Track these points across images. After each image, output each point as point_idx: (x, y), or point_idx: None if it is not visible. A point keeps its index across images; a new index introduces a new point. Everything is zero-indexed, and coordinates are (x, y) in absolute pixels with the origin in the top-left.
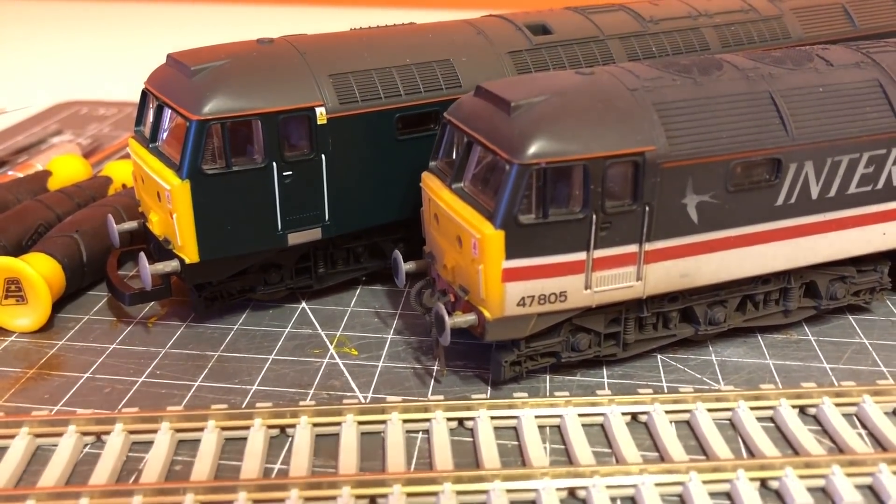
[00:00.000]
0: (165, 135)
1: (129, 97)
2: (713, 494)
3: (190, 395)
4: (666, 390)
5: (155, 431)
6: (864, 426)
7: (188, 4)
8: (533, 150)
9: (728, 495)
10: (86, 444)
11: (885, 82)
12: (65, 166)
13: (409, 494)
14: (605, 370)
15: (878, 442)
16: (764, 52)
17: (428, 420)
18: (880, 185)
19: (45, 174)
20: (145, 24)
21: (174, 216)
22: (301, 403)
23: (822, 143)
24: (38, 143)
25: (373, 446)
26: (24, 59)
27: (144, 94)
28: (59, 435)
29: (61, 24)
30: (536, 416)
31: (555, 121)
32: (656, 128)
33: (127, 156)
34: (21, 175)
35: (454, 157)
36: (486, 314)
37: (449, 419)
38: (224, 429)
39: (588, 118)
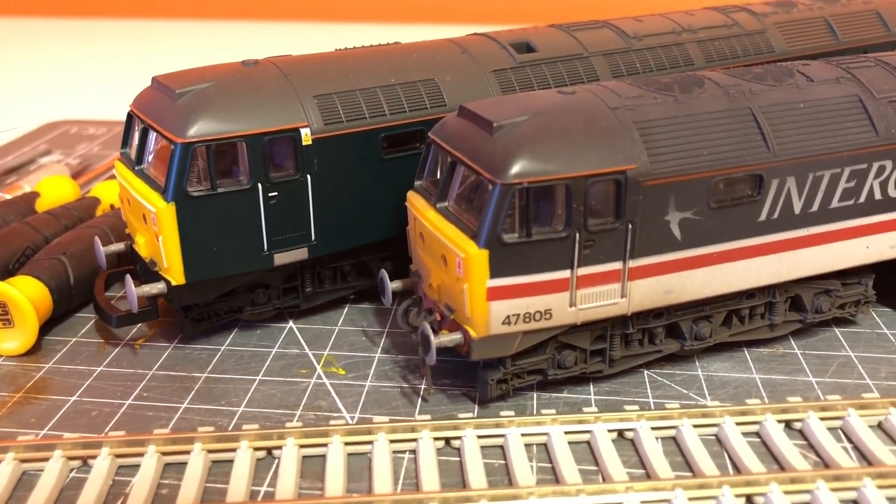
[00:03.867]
0: (151, 157)
1: (118, 117)
2: None
3: (177, 417)
4: (652, 406)
5: (141, 455)
6: (850, 440)
7: (177, 22)
8: (515, 169)
9: None
10: (72, 469)
11: (864, 97)
12: (53, 187)
13: None
14: (591, 387)
15: (864, 456)
16: (745, 69)
17: (415, 440)
18: (862, 199)
19: (33, 196)
20: (134, 42)
21: (160, 238)
22: (288, 425)
23: (804, 159)
24: (26, 164)
25: (359, 467)
26: (12, 78)
27: (130, 116)
28: (45, 460)
29: (50, 43)
30: (523, 435)
31: (537, 140)
32: (637, 146)
33: (115, 176)
34: (9, 196)
35: (439, 176)
36: (472, 333)
37: (436, 439)
38: (211, 451)
39: (570, 137)
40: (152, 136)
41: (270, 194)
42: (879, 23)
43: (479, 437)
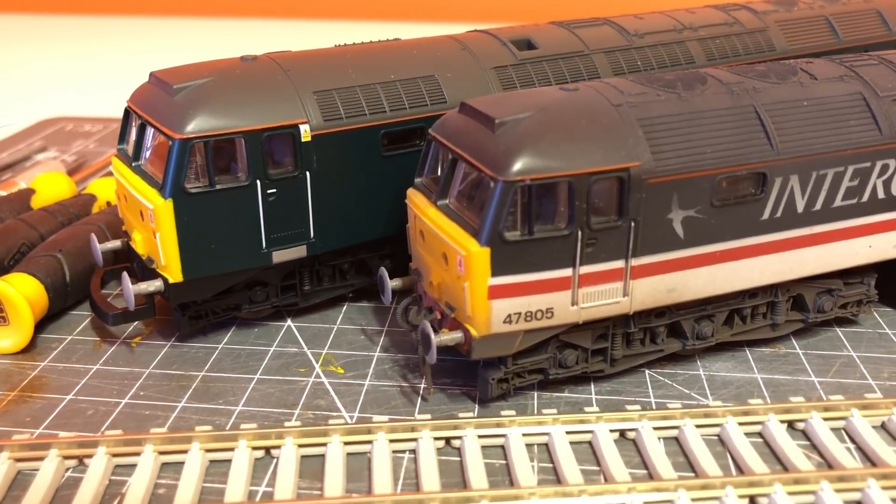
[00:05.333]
0: (148, 153)
1: (115, 113)
2: None
3: (174, 416)
4: (654, 406)
5: (138, 454)
6: (853, 440)
7: (173, 19)
8: (517, 167)
9: None
10: (68, 468)
11: (868, 95)
12: (49, 184)
13: None
14: (592, 386)
15: (867, 456)
16: (748, 66)
17: (415, 440)
18: (865, 197)
19: (29, 192)
20: (131, 39)
21: (157, 235)
22: (286, 424)
23: (807, 157)
24: (22, 161)
25: (359, 467)
26: (8, 75)
27: (127, 112)
28: (41, 459)
29: (46, 40)
30: (524, 434)
31: (539, 137)
32: (641, 143)
33: (112, 173)
34: (4, 193)
35: (439, 173)
36: (473, 332)
37: (436, 438)
38: (208, 451)
39: (572, 134)
40: (150, 131)
41: (269, 191)
42: (880, 22)
43: (480, 436)
